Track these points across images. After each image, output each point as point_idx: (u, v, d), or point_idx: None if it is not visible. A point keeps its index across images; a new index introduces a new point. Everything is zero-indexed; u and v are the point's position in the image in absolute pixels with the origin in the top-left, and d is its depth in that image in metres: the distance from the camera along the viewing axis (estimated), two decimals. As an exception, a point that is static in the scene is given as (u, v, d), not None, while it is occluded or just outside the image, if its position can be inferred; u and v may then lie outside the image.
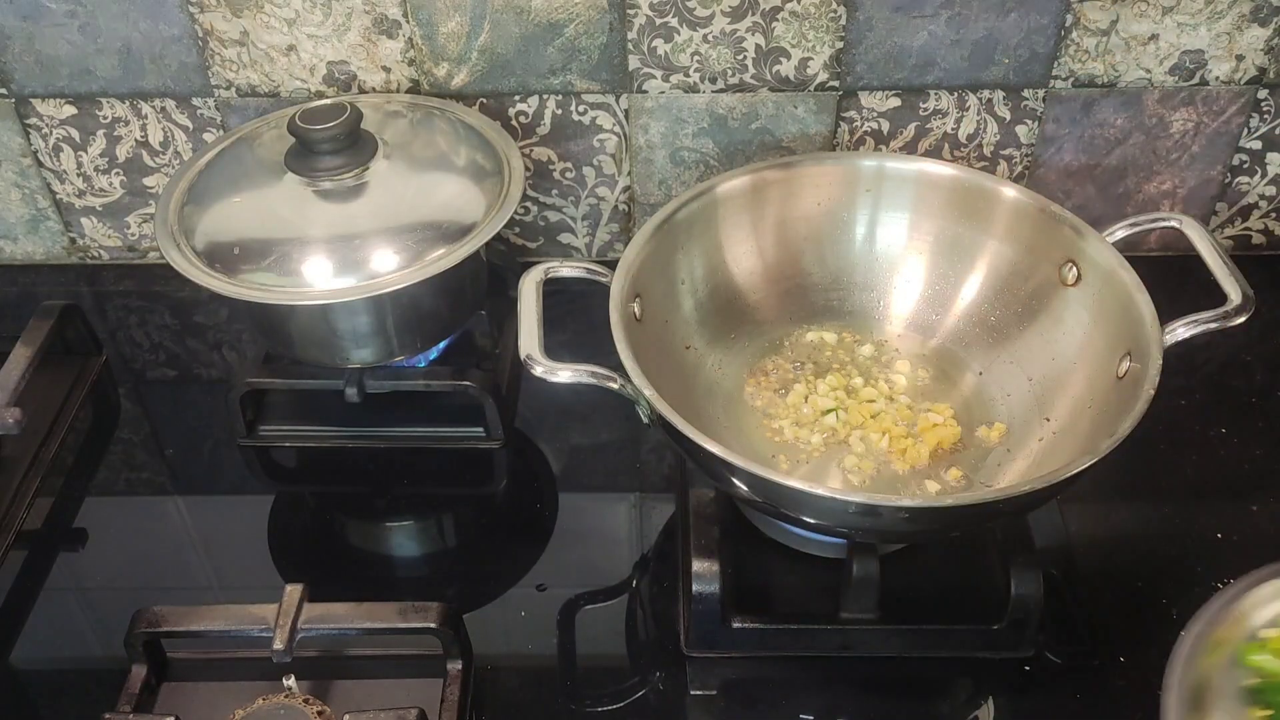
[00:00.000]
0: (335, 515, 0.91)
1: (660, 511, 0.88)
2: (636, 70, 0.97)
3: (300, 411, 0.95)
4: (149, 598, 0.73)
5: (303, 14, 0.95)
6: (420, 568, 0.87)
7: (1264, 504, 0.86)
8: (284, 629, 0.69)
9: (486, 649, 0.76)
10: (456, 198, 0.87)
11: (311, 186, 0.85)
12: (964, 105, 0.98)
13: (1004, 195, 0.88)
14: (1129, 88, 0.97)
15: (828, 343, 0.92)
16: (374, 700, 0.73)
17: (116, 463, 0.93)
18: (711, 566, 0.73)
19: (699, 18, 0.93)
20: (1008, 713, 0.74)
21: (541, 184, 1.04)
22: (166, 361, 1.02)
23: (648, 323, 0.82)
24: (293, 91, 0.99)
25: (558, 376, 0.74)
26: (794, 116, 0.99)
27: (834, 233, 0.93)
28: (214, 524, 0.89)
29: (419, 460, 0.92)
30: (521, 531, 0.87)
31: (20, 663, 0.79)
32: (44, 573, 0.84)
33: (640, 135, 1.01)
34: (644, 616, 0.81)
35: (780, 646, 0.76)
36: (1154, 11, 0.93)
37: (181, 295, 1.07)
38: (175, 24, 0.95)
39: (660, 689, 0.76)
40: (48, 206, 1.08)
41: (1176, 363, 0.76)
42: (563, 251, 1.09)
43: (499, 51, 0.96)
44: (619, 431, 0.93)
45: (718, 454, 0.68)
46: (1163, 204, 1.04)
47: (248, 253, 0.83)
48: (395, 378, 0.91)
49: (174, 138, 1.02)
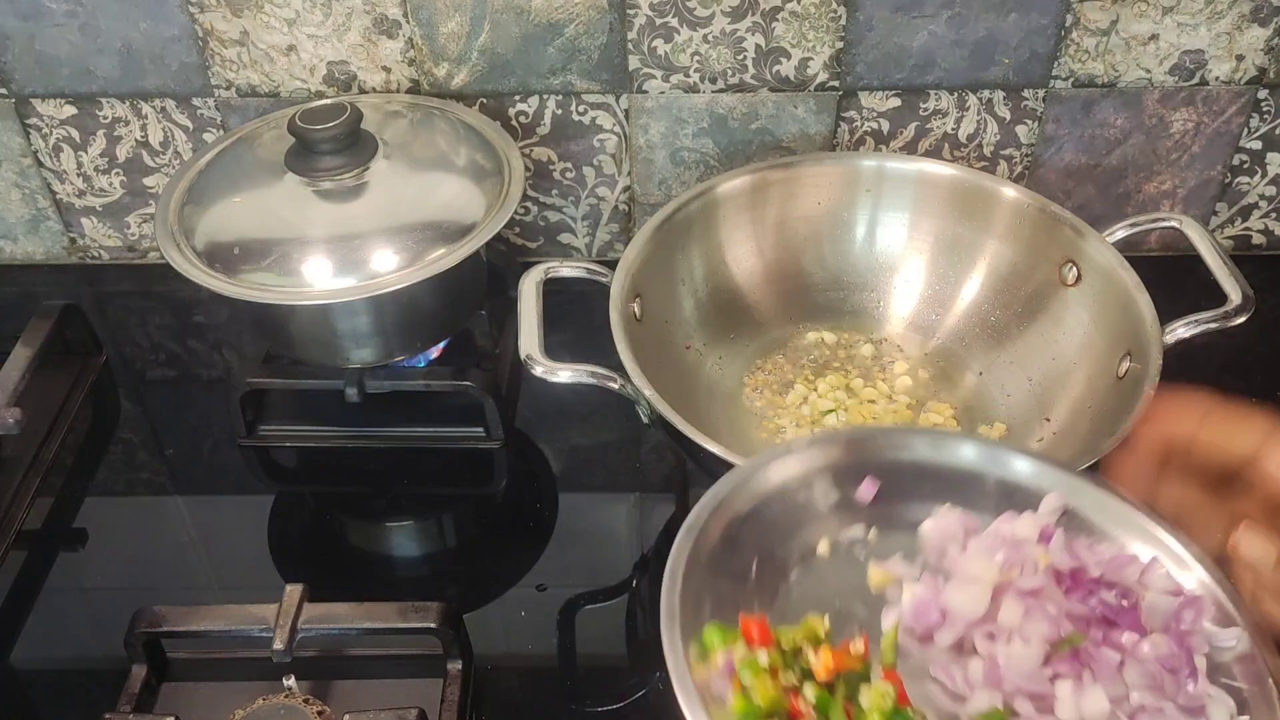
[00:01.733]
0: (335, 515, 0.91)
1: (660, 511, 0.88)
2: (636, 70, 0.97)
3: (300, 411, 0.95)
4: (149, 598, 0.73)
5: (303, 14, 0.95)
6: (420, 568, 0.87)
7: (1264, 504, 0.85)
8: (284, 629, 0.69)
9: (486, 649, 0.76)
10: (456, 198, 0.87)
11: (311, 186, 0.85)
12: (964, 105, 0.98)
13: (1004, 195, 0.88)
14: (1129, 88, 0.97)
15: (827, 343, 0.92)
16: (374, 700, 0.72)
17: (116, 463, 0.93)
18: (711, 566, 0.73)
19: (699, 18, 0.93)
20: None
21: (541, 184, 1.04)
22: (166, 361, 1.02)
23: (648, 323, 0.82)
24: (293, 91, 0.99)
25: (558, 376, 0.74)
26: (794, 116, 0.99)
27: (834, 233, 0.93)
28: (214, 524, 0.89)
29: (419, 460, 0.92)
30: (521, 531, 0.87)
31: (20, 663, 0.79)
32: (44, 573, 0.84)
33: (640, 135, 1.01)
34: (644, 616, 0.81)
35: (780, 646, 0.76)
36: (1154, 11, 0.93)
37: (181, 295, 1.07)
38: (175, 24, 0.95)
39: (660, 689, 0.75)
40: (48, 206, 1.08)
41: (1176, 363, 0.75)
42: (563, 251, 1.09)
43: (499, 51, 0.96)
44: (619, 431, 0.93)
45: (718, 454, 0.68)
46: (1163, 204, 1.04)
47: (248, 253, 0.83)
48: (395, 378, 0.91)
49: (174, 138, 1.02)
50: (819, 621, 0.53)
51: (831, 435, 0.61)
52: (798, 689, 0.50)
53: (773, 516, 0.58)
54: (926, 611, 0.55)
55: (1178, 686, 0.53)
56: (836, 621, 0.55)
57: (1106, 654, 0.53)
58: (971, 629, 0.55)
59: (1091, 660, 0.53)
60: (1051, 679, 0.53)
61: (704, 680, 0.50)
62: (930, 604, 0.55)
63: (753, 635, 0.51)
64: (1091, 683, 0.52)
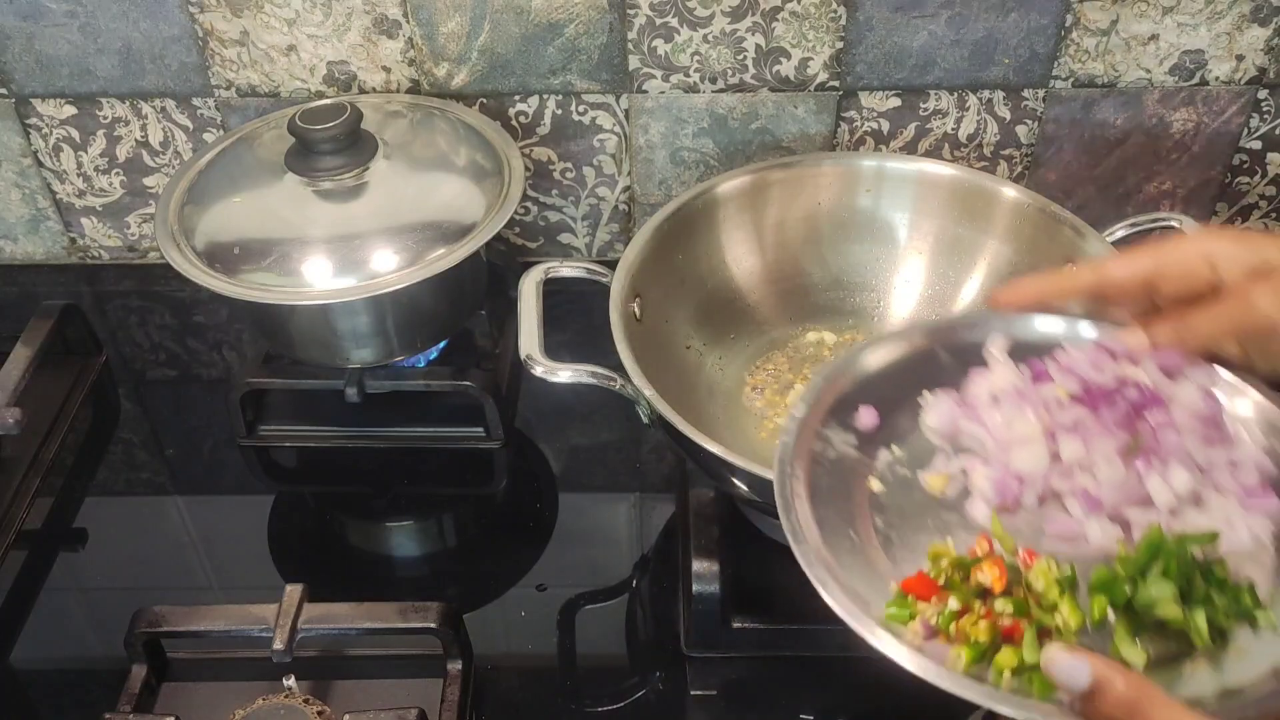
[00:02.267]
0: (335, 515, 0.91)
1: (660, 511, 0.88)
2: (636, 70, 0.97)
3: (300, 411, 0.95)
4: (149, 598, 0.73)
5: (303, 14, 0.95)
6: (420, 568, 0.87)
7: (1264, 504, 0.85)
8: (284, 629, 0.69)
9: (486, 649, 0.76)
10: (456, 198, 0.87)
11: (311, 186, 0.85)
12: (964, 105, 0.98)
13: (1004, 195, 0.88)
14: (1129, 88, 0.97)
15: (827, 343, 0.92)
16: (374, 700, 0.73)
17: (116, 463, 0.93)
18: (711, 566, 0.73)
19: (699, 18, 0.93)
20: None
21: (541, 184, 1.04)
22: (166, 361, 1.02)
23: (648, 323, 0.82)
24: (293, 91, 0.99)
25: (558, 376, 0.74)
26: (794, 116, 0.99)
27: (834, 233, 0.93)
28: (214, 524, 0.89)
29: (419, 460, 0.92)
30: (521, 531, 0.87)
31: (20, 663, 0.79)
32: (44, 573, 0.84)
33: (640, 135, 1.01)
34: (644, 616, 0.81)
35: (780, 646, 0.76)
36: (1154, 11, 0.93)
37: (181, 295, 1.07)
38: (175, 24, 0.95)
39: (660, 689, 0.76)
40: (48, 206, 1.08)
41: (1176, 363, 0.75)
42: (563, 251, 1.09)
43: (499, 51, 0.96)
44: (619, 431, 0.93)
45: (718, 454, 0.68)
46: (1163, 204, 1.04)
47: (248, 253, 0.83)
48: (395, 378, 0.91)
49: (174, 138, 1.02)
50: (943, 546, 0.56)
51: (811, 392, 0.63)
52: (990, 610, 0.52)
53: (829, 485, 0.60)
54: (1006, 484, 0.59)
55: (1219, 431, 0.60)
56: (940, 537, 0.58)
57: (1165, 435, 0.59)
58: (1048, 481, 0.59)
59: (1156, 448, 0.59)
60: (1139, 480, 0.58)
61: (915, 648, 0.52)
62: (1005, 477, 0.59)
63: (921, 591, 0.54)
64: (1168, 464, 0.58)
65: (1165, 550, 0.53)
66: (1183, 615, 0.52)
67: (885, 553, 0.58)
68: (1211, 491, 0.58)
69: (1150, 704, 0.46)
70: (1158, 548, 0.54)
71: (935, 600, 0.53)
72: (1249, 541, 0.56)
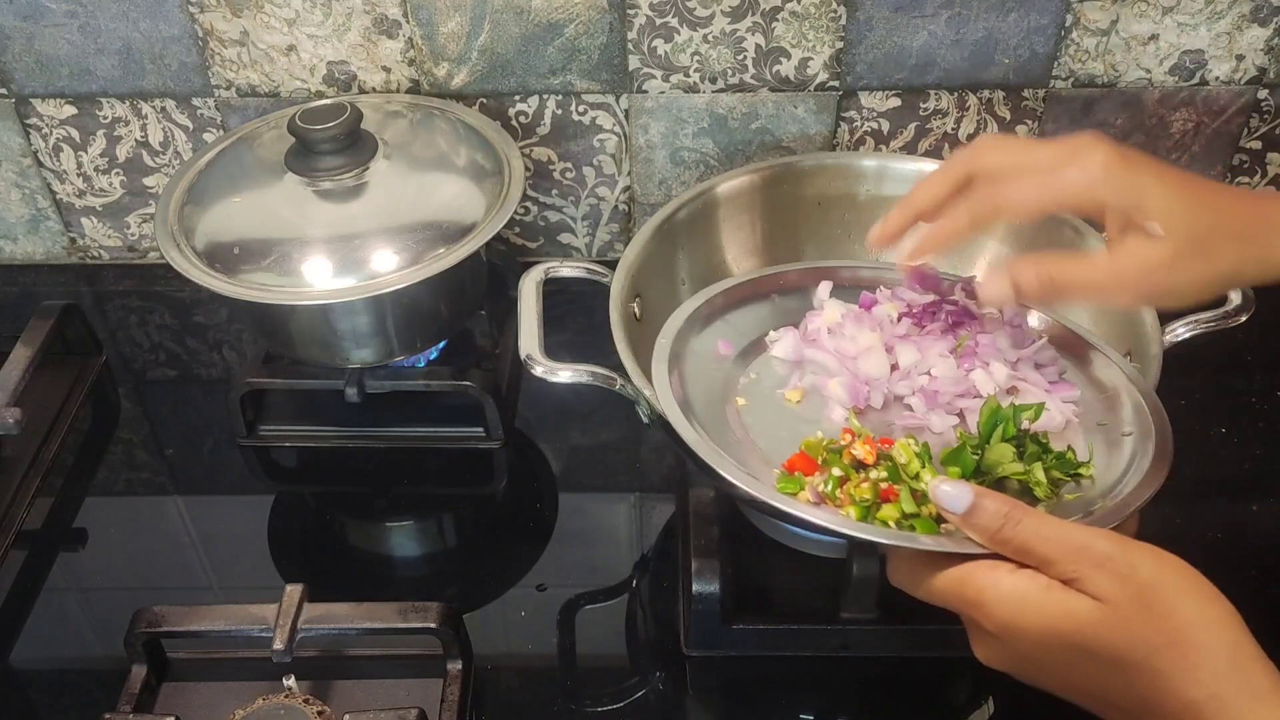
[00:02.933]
0: (335, 515, 0.91)
1: (660, 511, 0.88)
2: (636, 70, 0.97)
3: (300, 411, 0.95)
4: (149, 598, 0.73)
5: (303, 14, 0.95)
6: (420, 568, 0.87)
7: (1264, 504, 0.85)
8: (284, 629, 0.69)
9: (486, 649, 0.76)
10: (456, 198, 0.87)
11: (311, 186, 0.85)
12: (964, 105, 0.98)
13: (1004, 195, 0.88)
14: (1129, 88, 0.97)
15: (827, 343, 0.92)
16: (374, 700, 0.73)
17: (116, 463, 0.93)
18: (711, 566, 0.73)
19: (699, 18, 0.93)
20: (1007, 712, 0.74)
21: (541, 184, 1.04)
22: (166, 361, 1.02)
23: (648, 323, 0.82)
24: (293, 91, 0.99)
25: (558, 376, 0.74)
26: (794, 116, 0.99)
27: (834, 233, 0.93)
28: (214, 524, 0.88)
29: (419, 460, 0.92)
30: (521, 531, 0.87)
31: (20, 663, 0.79)
32: (44, 573, 0.84)
33: (640, 135, 1.01)
34: (644, 616, 0.81)
35: (780, 646, 0.76)
36: (1154, 11, 0.93)
37: (181, 295, 1.07)
38: (175, 24, 0.95)
39: (660, 689, 0.76)
40: (48, 206, 1.08)
41: (1176, 363, 0.76)
42: (563, 251, 1.09)
43: (499, 51, 0.96)
44: (619, 431, 0.93)
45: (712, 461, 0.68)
46: (1163, 204, 1.04)
47: (248, 253, 0.83)
48: (395, 378, 0.91)
49: (174, 138, 1.02)
50: (814, 440, 0.66)
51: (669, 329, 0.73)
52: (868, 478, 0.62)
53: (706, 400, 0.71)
54: (856, 388, 0.71)
55: (1024, 335, 0.74)
56: None
57: (982, 340, 0.73)
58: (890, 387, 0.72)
59: (977, 348, 0.73)
60: (966, 375, 0.71)
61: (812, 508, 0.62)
62: (854, 382, 0.71)
63: (804, 467, 0.64)
64: (990, 363, 0.72)
65: (1002, 415, 0.65)
66: (1024, 470, 0.63)
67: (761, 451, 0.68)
68: (1025, 383, 0.71)
69: (1019, 509, 0.56)
70: (996, 415, 0.65)
71: (819, 473, 0.63)
72: (1061, 421, 0.69)
